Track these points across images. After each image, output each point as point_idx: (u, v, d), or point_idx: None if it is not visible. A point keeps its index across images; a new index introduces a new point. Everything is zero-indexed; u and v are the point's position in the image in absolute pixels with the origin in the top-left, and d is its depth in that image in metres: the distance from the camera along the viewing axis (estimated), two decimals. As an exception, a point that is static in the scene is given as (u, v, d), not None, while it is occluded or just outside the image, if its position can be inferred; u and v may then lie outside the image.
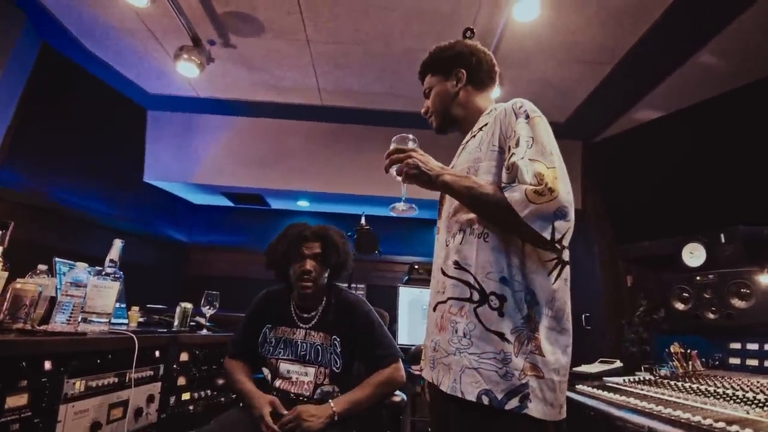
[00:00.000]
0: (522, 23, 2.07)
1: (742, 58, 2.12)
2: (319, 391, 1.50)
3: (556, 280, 0.94)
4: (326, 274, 1.59)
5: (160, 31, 2.36)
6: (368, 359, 1.56)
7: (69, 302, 1.31)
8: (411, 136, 1.08)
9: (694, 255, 2.12)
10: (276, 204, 4.08)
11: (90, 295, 1.40)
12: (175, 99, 3.12)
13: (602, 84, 2.55)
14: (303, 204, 4.05)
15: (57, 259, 1.77)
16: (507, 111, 1.01)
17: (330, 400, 1.42)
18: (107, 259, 1.50)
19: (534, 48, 2.30)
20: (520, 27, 2.11)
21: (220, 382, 1.72)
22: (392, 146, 1.05)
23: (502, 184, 0.92)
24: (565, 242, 0.90)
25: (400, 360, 1.56)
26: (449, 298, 0.99)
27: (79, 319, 1.36)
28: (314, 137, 3.38)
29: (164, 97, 3.09)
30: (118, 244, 1.53)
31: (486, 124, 1.07)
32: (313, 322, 1.58)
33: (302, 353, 1.54)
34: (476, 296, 0.93)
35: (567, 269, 0.97)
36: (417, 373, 2.13)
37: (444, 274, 1.02)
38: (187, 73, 2.45)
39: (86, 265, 1.42)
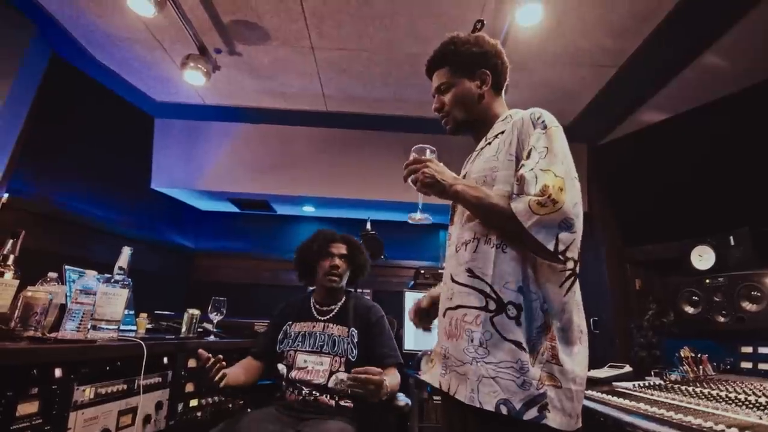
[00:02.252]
0: (526, 27, 2.07)
1: (748, 59, 2.11)
2: (333, 377, 1.60)
3: (567, 292, 0.93)
4: (348, 273, 1.84)
5: (167, 40, 2.39)
6: (373, 356, 1.67)
7: (79, 310, 1.32)
8: (430, 147, 1.09)
9: (702, 258, 2.10)
10: (282, 210, 4.09)
11: (99, 302, 1.41)
12: (182, 107, 3.16)
13: (607, 86, 2.55)
14: (309, 209, 4.06)
15: (67, 266, 1.79)
16: (525, 121, 1.00)
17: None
18: (116, 267, 1.51)
19: (538, 51, 2.30)
20: (524, 31, 2.11)
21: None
22: (411, 156, 1.06)
23: (512, 195, 0.93)
24: (570, 254, 0.89)
25: (400, 367, 1.67)
26: (459, 306, 0.98)
27: (89, 327, 1.37)
28: (319, 143, 3.40)
29: (171, 105, 3.13)
30: (126, 251, 1.54)
31: (503, 132, 1.05)
32: (332, 314, 1.78)
33: (320, 344, 1.71)
34: (492, 305, 0.92)
35: (577, 282, 0.96)
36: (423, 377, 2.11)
37: (454, 281, 1.02)
38: (193, 81, 2.48)
39: (96, 272, 1.44)
